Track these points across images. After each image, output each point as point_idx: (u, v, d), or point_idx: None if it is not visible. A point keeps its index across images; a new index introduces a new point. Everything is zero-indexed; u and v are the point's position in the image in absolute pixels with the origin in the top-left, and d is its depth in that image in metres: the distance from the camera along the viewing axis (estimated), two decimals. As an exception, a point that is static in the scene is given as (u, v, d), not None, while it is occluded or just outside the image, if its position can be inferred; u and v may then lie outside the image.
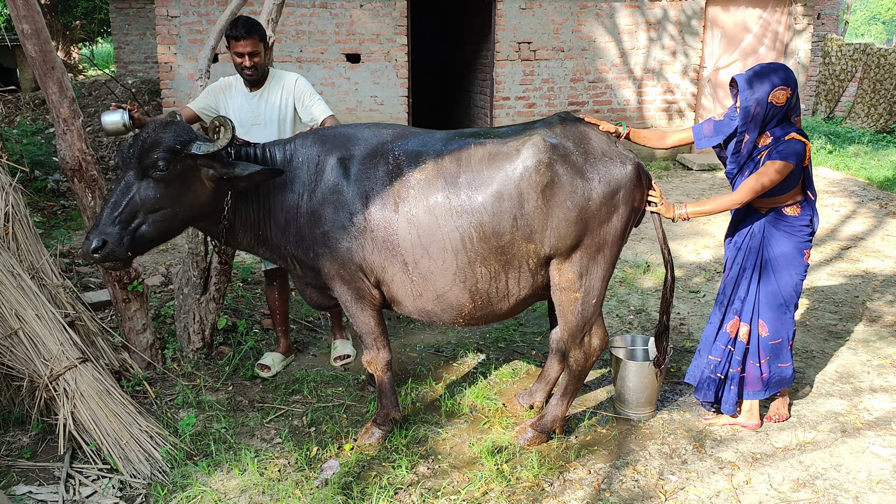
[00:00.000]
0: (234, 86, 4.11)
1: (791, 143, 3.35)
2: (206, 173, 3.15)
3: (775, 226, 3.55)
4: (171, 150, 3.03)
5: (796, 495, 3.23)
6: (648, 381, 3.75)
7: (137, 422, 3.48)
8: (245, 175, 3.13)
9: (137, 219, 3.06)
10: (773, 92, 3.33)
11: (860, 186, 8.75)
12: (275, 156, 3.38)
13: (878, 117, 13.42)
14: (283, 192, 3.34)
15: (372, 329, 3.47)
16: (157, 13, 8.73)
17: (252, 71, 3.94)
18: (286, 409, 3.92)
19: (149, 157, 3.01)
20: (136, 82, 13.46)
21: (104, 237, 3.00)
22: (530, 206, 3.17)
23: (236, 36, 3.87)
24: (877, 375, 4.33)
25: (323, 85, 9.16)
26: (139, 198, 3.05)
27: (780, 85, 3.33)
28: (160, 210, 3.09)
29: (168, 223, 3.16)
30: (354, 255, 3.27)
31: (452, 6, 11.50)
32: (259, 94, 4.08)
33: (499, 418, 3.84)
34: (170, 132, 3.07)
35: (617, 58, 9.73)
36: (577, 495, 3.21)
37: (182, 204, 3.15)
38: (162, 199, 3.07)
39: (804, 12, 9.96)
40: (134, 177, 3.06)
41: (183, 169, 3.09)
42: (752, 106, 3.35)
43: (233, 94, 4.09)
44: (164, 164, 3.01)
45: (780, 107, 3.35)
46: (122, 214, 3.03)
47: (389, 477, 3.31)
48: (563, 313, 3.42)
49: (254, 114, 4.07)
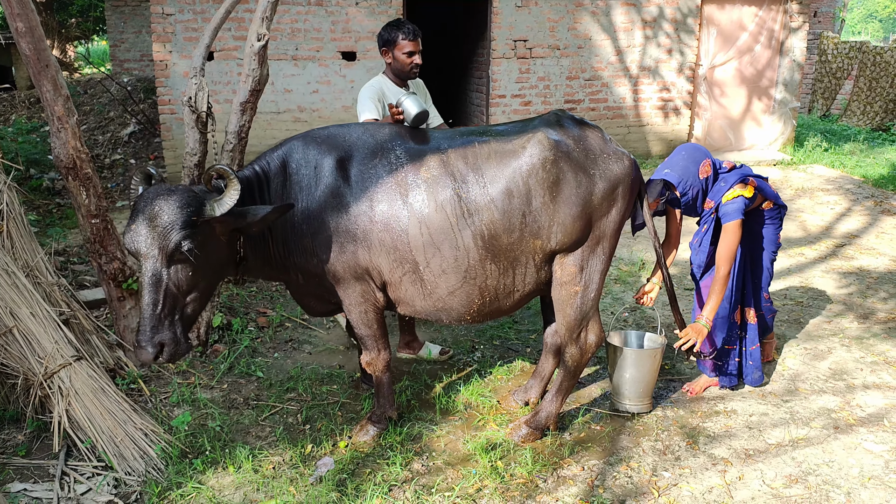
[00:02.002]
0: (385, 89, 4.19)
1: (728, 205, 3.76)
2: (220, 230, 3.00)
3: (756, 222, 4.01)
4: (189, 224, 2.83)
5: (788, 491, 3.24)
6: (646, 371, 3.77)
7: (132, 419, 3.49)
8: (258, 220, 2.99)
9: (178, 305, 2.92)
10: (700, 170, 3.77)
11: (855, 184, 8.77)
12: (267, 168, 3.28)
13: (874, 115, 13.44)
14: (283, 202, 3.26)
15: (374, 331, 3.46)
16: (153, 11, 8.70)
17: (418, 69, 4.12)
18: (281, 407, 3.93)
19: (170, 241, 2.80)
20: (132, 80, 13.42)
21: (159, 341, 2.85)
22: (538, 203, 3.21)
23: (409, 36, 4.06)
24: (870, 372, 4.34)
25: (319, 83, 9.15)
26: (173, 285, 2.87)
27: (701, 161, 3.78)
28: (196, 287, 2.96)
29: (207, 292, 3.07)
30: (360, 258, 3.23)
31: (449, 4, 11.49)
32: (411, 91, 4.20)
33: (493, 415, 3.85)
34: (176, 204, 2.83)
35: (613, 55, 9.74)
36: (571, 492, 3.23)
37: (213, 269, 3.04)
38: (194, 275, 2.92)
39: (800, 10, 9.97)
40: (159, 265, 2.84)
41: (203, 237, 2.91)
42: (691, 190, 3.78)
43: (392, 95, 4.16)
44: (189, 244, 2.82)
45: (709, 177, 3.80)
46: (164, 309, 2.86)
47: (384, 474, 3.32)
48: (561, 308, 3.44)
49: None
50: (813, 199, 8.26)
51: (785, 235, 7.01)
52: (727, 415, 3.87)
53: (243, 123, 4.32)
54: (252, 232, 3.10)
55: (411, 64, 4.12)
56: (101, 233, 3.98)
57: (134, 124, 11.18)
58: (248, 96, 4.29)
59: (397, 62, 4.14)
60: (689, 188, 3.76)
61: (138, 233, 2.83)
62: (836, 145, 11.14)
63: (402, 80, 4.22)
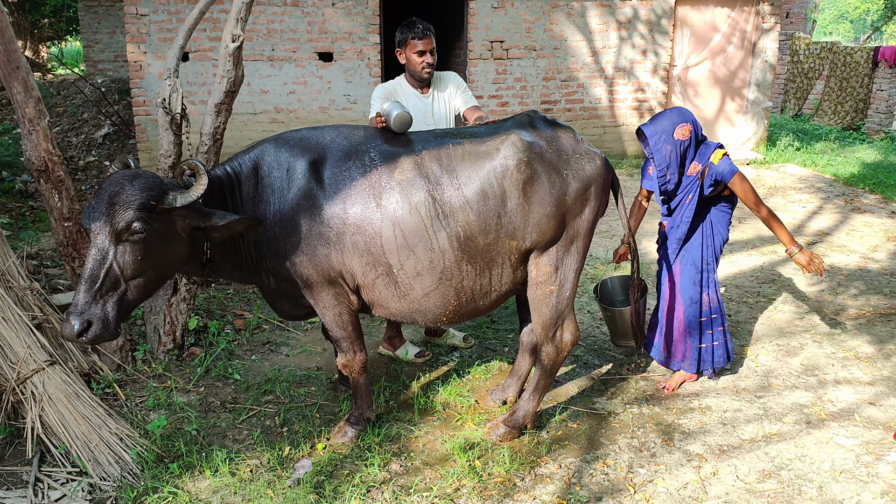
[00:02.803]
0: (400, 89, 4.13)
1: (720, 164, 3.79)
2: (181, 224, 2.94)
3: (716, 207, 4.04)
4: (145, 207, 2.76)
5: (762, 486, 3.29)
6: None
7: (107, 424, 3.45)
8: (222, 225, 2.93)
9: (119, 288, 2.80)
10: (675, 130, 3.75)
11: (826, 183, 8.92)
12: (239, 170, 3.24)
13: (845, 115, 13.67)
14: (254, 204, 3.23)
15: (349, 333, 3.45)
16: (127, 11, 8.62)
17: (431, 69, 4.04)
18: (258, 410, 3.91)
19: (122, 219, 2.73)
20: (106, 81, 13.26)
21: (87, 318, 2.73)
22: (513, 203, 3.22)
23: (419, 35, 3.98)
24: (841, 367, 4.42)
25: (295, 83, 9.12)
26: (117, 265, 2.78)
27: (678, 123, 3.77)
28: (142, 274, 2.85)
29: (152, 284, 2.95)
30: (333, 261, 3.21)
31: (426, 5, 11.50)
32: (431, 94, 4.15)
33: (471, 415, 3.86)
34: (139, 187, 2.79)
35: (588, 56, 9.81)
36: (548, 490, 3.25)
37: (164, 261, 2.94)
38: (143, 261, 2.82)
39: (771, 11, 10.11)
40: (108, 242, 2.76)
41: (160, 226, 2.84)
42: (663, 148, 3.77)
43: (404, 97, 4.10)
44: (141, 226, 2.75)
45: (687, 139, 3.77)
46: (101, 288, 2.76)
47: (362, 475, 3.32)
48: (537, 307, 3.47)
49: (428, 114, 4.11)
50: (785, 197, 8.38)
51: (757, 234, 7.12)
52: (702, 411, 3.92)
53: (218, 125, 4.30)
54: (215, 238, 3.04)
55: (422, 63, 4.01)
56: (74, 236, 3.94)
57: (108, 126, 11.05)
58: (223, 97, 4.26)
59: (410, 63, 4.06)
60: (662, 144, 3.76)
61: (94, 209, 2.77)
62: (808, 144, 11.32)
63: (417, 82, 4.12)
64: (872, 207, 8.04)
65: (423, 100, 4.11)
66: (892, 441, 3.63)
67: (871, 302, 5.45)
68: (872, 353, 4.60)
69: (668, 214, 4.04)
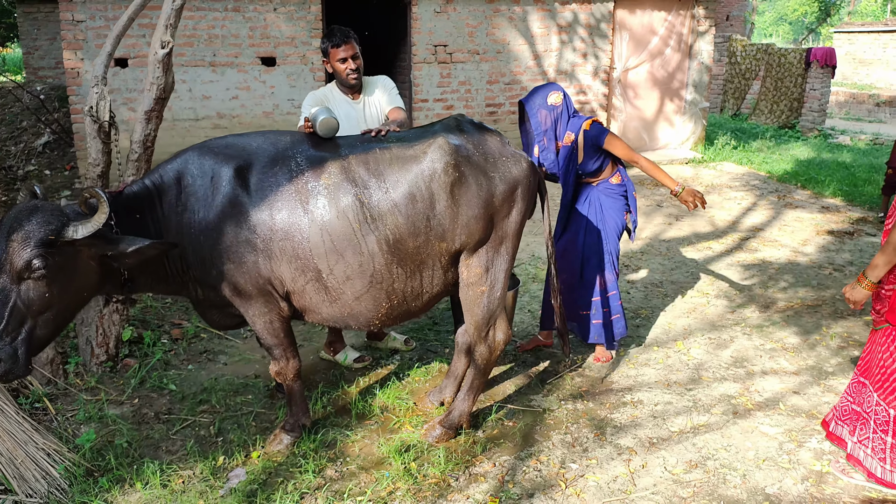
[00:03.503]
0: (331, 96, 4.09)
1: (591, 129, 4.16)
2: (87, 254, 2.87)
3: (606, 193, 4.33)
4: (44, 243, 2.69)
5: (688, 476, 3.40)
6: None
7: (34, 439, 3.38)
8: (131, 251, 2.86)
9: (27, 325, 2.75)
10: (548, 96, 4.15)
11: (761, 180, 9.20)
12: (160, 182, 3.20)
13: (781, 113, 14.12)
14: (178, 215, 3.19)
15: (281, 340, 3.44)
16: (63, 17, 8.42)
17: (357, 74, 4.01)
18: (193, 420, 3.87)
19: (20, 258, 2.67)
20: (45, 88, 12.92)
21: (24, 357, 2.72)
22: (441, 206, 3.25)
23: (336, 43, 3.94)
24: (769, 358, 4.58)
25: (238, 89, 9.03)
26: (22, 303, 2.72)
27: (550, 91, 4.17)
28: (50, 308, 2.79)
29: (63, 315, 2.90)
30: (261, 268, 3.19)
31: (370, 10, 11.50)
32: (362, 100, 4.12)
33: (409, 417, 3.89)
34: (36, 221, 2.71)
35: (531, 60, 9.94)
36: (482, 488, 3.30)
37: (72, 293, 2.87)
38: (49, 297, 2.76)
39: (706, 15, 10.40)
40: (8, 281, 2.70)
41: (63, 259, 2.77)
42: (539, 112, 4.17)
43: (335, 104, 4.05)
44: (41, 263, 2.68)
45: (559, 106, 4.15)
46: (8, 326, 2.70)
47: (296, 482, 3.31)
48: (469, 308, 3.51)
49: (361, 119, 4.08)
50: (721, 195, 8.63)
51: (693, 230, 7.32)
52: (634, 405, 4.02)
53: (149, 132, 4.24)
54: (127, 263, 2.98)
55: (346, 70, 3.99)
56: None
57: (48, 134, 10.78)
58: (153, 105, 4.22)
59: (336, 71, 4.04)
60: (538, 109, 4.17)
61: None
62: (746, 143, 11.67)
63: (347, 88, 4.10)
64: (804, 203, 8.32)
65: (355, 106, 4.11)
66: (813, 428, 3.78)
67: (799, 294, 5.65)
68: (798, 344, 4.78)
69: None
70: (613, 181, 4.34)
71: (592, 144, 4.15)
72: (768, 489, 3.30)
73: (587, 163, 4.20)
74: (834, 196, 8.64)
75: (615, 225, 4.35)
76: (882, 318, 3.16)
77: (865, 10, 44.04)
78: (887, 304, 3.12)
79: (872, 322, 3.26)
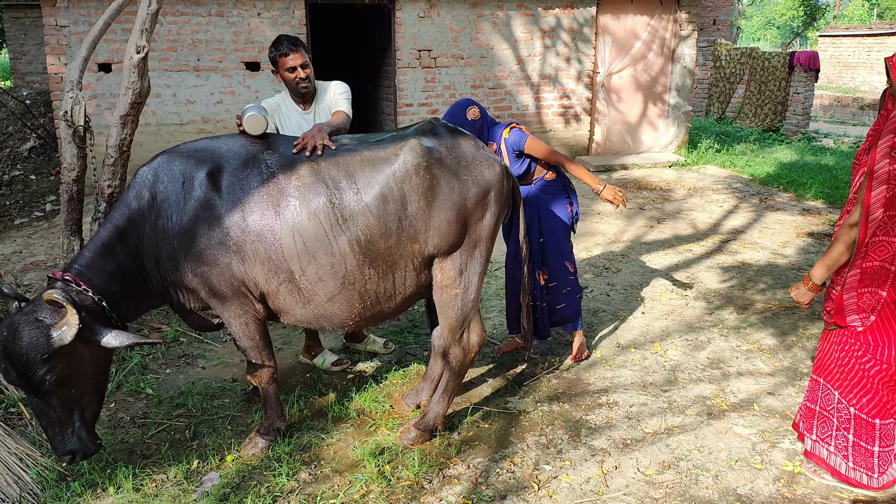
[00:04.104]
0: (283, 106, 4.05)
1: (510, 137, 4.24)
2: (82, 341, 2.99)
3: (543, 191, 4.40)
4: (41, 362, 2.89)
5: (661, 477, 3.42)
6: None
7: (6, 444, 3.37)
8: (114, 348, 3.03)
9: (75, 414, 3.06)
10: (467, 112, 4.16)
11: (743, 182, 9.27)
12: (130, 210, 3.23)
13: (765, 117, 14.23)
14: (153, 220, 3.22)
15: (257, 343, 3.46)
16: (46, 23, 8.41)
17: (307, 83, 3.95)
18: (169, 424, 3.87)
19: (32, 382, 2.92)
20: (32, 94, 12.88)
21: (69, 449, 3.05)
22: (413, 208, 3.27)
23: (284, 52, 3.89)
24: (745, 360, 4.62)
25: (223, 93, 9.03)
26: (60, 405, 3.01)
27: (467, 107, 4.18)
28: (83, 391, 3.07)
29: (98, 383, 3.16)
30: (235, 269, 3.22)
31: (354, 15, 11.52)
32: (313, 109, 4.07)
33: (385, 420, 3.90)
34: (25, 341, 2.87)
35: (514, 64, 9.99)
36: (455, 490, 3.31)
37: (91, 368, 3.08)
38: (75, 387, 3.03)
39: (688, 19, 10.47)
40: (38, 399, 2.99)
41: (65, 359, 2.95)
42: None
43: (287, 114, 4.04)
44: (51, 377, 2.91)
45: (479, 119, 4.19)
46: (63, 426, 3.03)
47: (269, 485, 3.32)
48: (443, 310, 3.53)
49: None
50: (703, 197, 8.68)
51: (675, 233, 7.36)
52: (609, 406, 4.05)
53: (124, 137, 4.26)
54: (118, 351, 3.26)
55: (296, 79, 3.94)
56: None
57: (34, 139, 10.74)
58: (129, 109, 4.23)
59: (285, 80, 3.99)
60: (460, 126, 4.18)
61: (5, 373, 2.96)
62: (729, 146, 11.74)
63: (299, 98, 4.05)
64: (785, 205, 8.39)
65: (305, 116, 4.08)
66: (786, 429, 3.81)
67: (778, 296, 5.69)
68: (775, 345, 4.82)
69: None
70: (549, 177, 4.42)
71: (514, 150, 4.25)
72: (740, 489, 3.33)
73: (513, 167, 4.29)
74: (815, 198, 8.71)
75: (561, 220, 4.44)
76: (832, 320, 3.19)
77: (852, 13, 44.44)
78: (836, 305, 3.15)
79: (825, 322, 3.29)
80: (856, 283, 3.05)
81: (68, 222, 4.23)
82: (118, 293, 3.19)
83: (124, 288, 3.22)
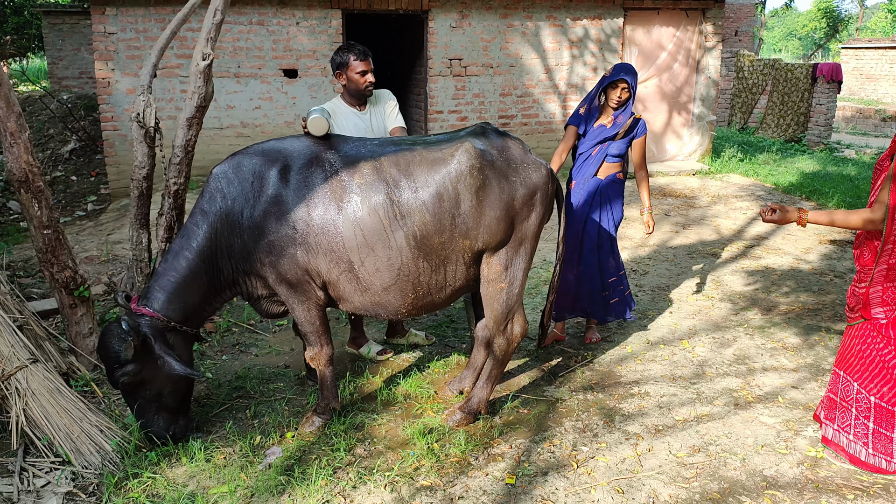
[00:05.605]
0: (338, 109, 4.39)
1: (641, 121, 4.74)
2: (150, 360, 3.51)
3: (611, 188, 4.81)
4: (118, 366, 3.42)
5: (691, 459, 3.66)
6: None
7: (88, 417, 3.68)
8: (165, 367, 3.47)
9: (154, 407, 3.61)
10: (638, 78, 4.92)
11: (766, 191, 9.46)
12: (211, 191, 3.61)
13: (787, 127, 14.38)
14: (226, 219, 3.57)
15: (317, 328, 3.75)
16: (95, 30, 8.80)
17: (372, 87, 4.35)
18: (230, 404, 4.16)
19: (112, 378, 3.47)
20: (72, 97, 13.36)
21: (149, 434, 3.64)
22: (466, 206, 3.54)
23: (360, 57, 4.27)
24: (769, 357, 4.84)
25: (261, 99, 9.38)
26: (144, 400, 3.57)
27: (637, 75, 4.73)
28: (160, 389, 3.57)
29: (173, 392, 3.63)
30: (300, 260, 3.52)
31: (387, 24, 11.87)
32: (369, 110, 4.44)
33: (430, 404, 4.17)
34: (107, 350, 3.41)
35: (542, 73, 10.26)
36: (500, 467, 3.57)
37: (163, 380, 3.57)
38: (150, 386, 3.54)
39: (714, 31, 10.71)
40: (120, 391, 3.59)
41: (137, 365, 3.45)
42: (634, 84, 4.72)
43: (343, 116, 4.37)
44: (126, 379, 3.45)
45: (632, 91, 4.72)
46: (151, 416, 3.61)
47: (328, 458, 3.60)
48: (489, 303, 3.80)
49: (368, 129, 4.39)
50: (727, 205, 8.89)
51: (699, 238, 7.58)
52: (641, 396, 4.29)
53: (189, 138, 4.56)
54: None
55: (365, 83, 4.30)
56: (53, 243, 4.16)
57: (75, 141, 11.16)
58: (194, 112, 4.54)
59: (352, 83, 4.31)
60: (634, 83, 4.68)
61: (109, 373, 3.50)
62: (752, 156, 11.93)
63: (357, 101, 4.40)
64: (808, 214, 8.57)
65: (361, 116, 4.41)
66: (809, 419, 4.03)
67: (801, 299, 5.91)
68: (798, 344, 5.04)
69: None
70: (620, 176, 4.82)
71: (632, 133, 4.69)
72: (766, 471, 3.56)
73: (620, 146, 4.69)
74: (837, 207, 8.89)
75: (617, 216, 4.87)
76: (856, 315, 3.45)
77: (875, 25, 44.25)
78: (861, 300, 3.40)
79: (847, 319, 3.55)
80: (882, 279, 3.30)
81: (137, 216, 4.55)
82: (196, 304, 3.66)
83: (200, 295, 3.65)
